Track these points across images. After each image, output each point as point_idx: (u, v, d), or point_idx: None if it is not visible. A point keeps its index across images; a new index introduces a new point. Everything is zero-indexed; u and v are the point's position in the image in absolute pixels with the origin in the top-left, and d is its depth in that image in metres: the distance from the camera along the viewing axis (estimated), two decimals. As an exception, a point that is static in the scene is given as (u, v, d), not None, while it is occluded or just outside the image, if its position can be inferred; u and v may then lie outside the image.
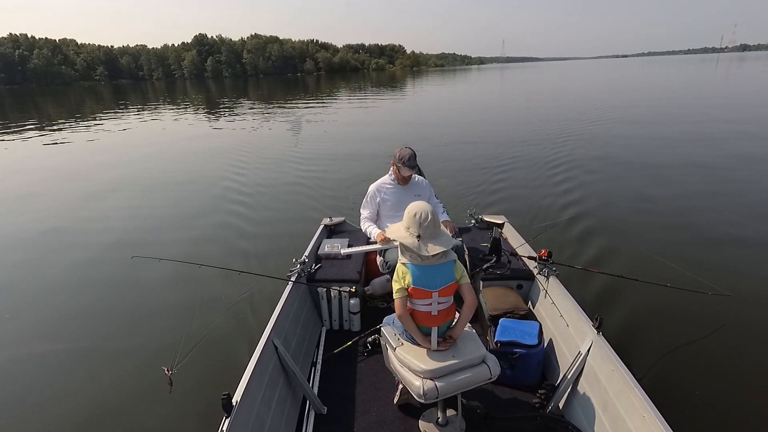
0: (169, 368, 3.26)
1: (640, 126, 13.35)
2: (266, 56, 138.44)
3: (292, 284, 3.05)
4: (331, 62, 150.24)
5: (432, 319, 2.13)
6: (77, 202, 7.89)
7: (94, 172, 10.14)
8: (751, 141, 10.47)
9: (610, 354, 2.24)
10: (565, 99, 24.25)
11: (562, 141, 11.35)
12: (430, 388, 2.00)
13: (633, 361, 2.33)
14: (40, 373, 3.40)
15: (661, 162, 8.75)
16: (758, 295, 3.97)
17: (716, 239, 5.20)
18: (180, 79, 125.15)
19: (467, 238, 3.82)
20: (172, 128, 18.17)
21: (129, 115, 24.57)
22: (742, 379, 2.99)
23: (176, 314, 4.03)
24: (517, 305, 2.92)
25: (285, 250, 4.77)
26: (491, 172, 8.48)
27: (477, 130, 14.18)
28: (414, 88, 42.70)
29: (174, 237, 6.02)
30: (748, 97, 21.04)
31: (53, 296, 4.57)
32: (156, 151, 12.73)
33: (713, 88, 28.34)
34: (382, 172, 3.58)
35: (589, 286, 3.96)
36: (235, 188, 8.16)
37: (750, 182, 7.24)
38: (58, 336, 3.86)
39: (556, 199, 6.81)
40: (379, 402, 2.58)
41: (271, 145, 12.69)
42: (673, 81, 36.49)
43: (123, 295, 4.48)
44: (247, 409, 2.04)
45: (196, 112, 25.36)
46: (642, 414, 1.90)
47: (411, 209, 2.11)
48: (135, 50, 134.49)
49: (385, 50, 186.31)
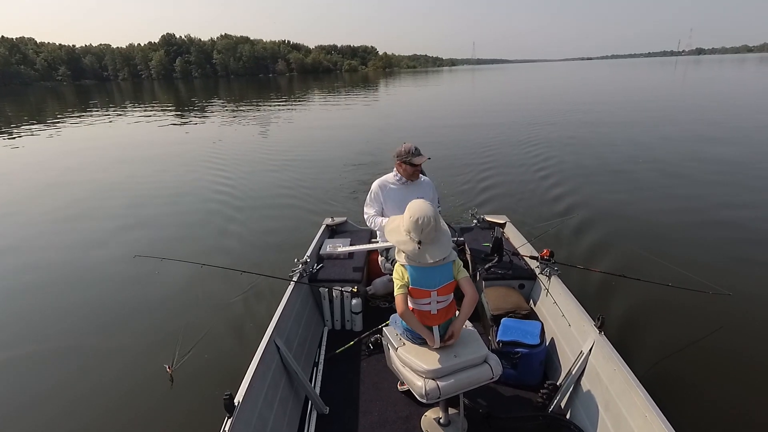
0: (170, 366, 3.28)
1: (638, 127, 13.34)
2: (237, 57, 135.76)
3: (294, 284, 3.05)
4: (304, 63, 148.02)
5: (432, 317, 2.13)
6: (77, 201, 7.90)
7: (94, 172, 10.15)
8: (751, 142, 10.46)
9: (612, 353, 2.24)
10: (553, 99, 24.36)
11: (561, 140, 11.36)
12: (432, 388, 2.00)
13: (635, 360, 2.33)
14: (41, 371, 3.40)
15: (663, 162, 8.75)
16: (758, 294, 3.98)
17: (716, 239, 5.20)
18: (147, 79, 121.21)
19: (469, 238, 3.82)
20: (160, 130, 18.08)
21: (113, 115, 24.32)
22: (743, 379, 2.99)
23: (178, 314, 4.04)
24: (519, 305, 2.92)
25: (287, 250, 4.78)
26: (489, 173, 8.50)
27: (473, 129, 14.18)
28: (387, 89, 42.74)
29: (175, 237, 6.03)
30: (746, 98, 21.00)
31: (53, 295, 4.58)
32: (150, 152, 12.70)
33: (703, 88, 28.46)
34: (380, 169, 3.56)
35: (591, 285, 3.96)
36: (236, 188, 8.18)
37: (751, 182, 7.24)
38: (59, 335, 3.87)
39: (556, 199, 6.81)
40: (381, 402, 2.59)
41: (267, 145, 12.74)
42: (655, 81, 37.24)
43: (125, 294, 4.48)
44: (249, 409, 2.05)
45: (177, 113, 24.85)
46: (644, 413, 1.90)
47: (413, 212, 2.05)
48: (98, 50, 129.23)
49: (357, 51, 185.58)
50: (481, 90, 38.50)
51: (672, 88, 29.04)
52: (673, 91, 26.75)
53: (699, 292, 3.54)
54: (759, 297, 3.92)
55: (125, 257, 5.16)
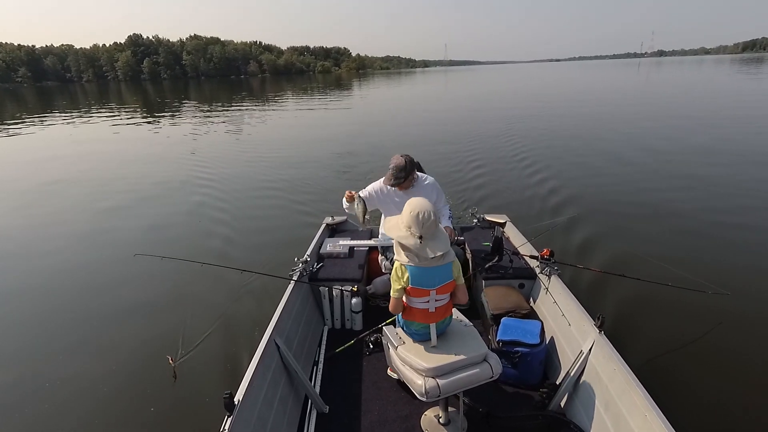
0: (173, 358, 3.29)
1: (638, 127, 13.33)
2: (207, 58, 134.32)
3: (294, 283, 3.05)
4: (276, 64, 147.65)
5: (429, 315, 2.14)
6: (76, 201, 7.90)
7: (94, 171, 10.15)
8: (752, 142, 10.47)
9: (612, 353, 2.24)
10: (541, 99, 24.34)
11: (560, 141, 11.36)
12: (431, 387, 2.00)
13: (635, 360, 2.32)
14: (42, 368, 3.40)
15: (665, 162, 8.75)
16: (757, 293, 3.98)
17: (716, 238, 5.20)
18: (114, 81, 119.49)
19: (469, 238, 3.82)
20: (151, 129, 18.12)
21: (96, 117, 24.06)
22: (742, 378, 2.99)
23: (178, 313, 4.04)
24: (519, 304, 2.93)
25: (287, 250, 4.77)
26: (481, 172, 8.50)
27: (464, 129, 14.19)
28: (361, 91, 42.45)
29: (175, 235, 6.03)
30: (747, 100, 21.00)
31: (54, 294, 4.58)
32: (144, 152, 12.72)
33: (700, 88, 28.47)
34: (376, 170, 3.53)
35: (591, 285, 3.96)
36: (236, 189, 8.18)
37: (752, 183, 7.24)
38: (60, 332, 3.87)
39: (556, 198, 6.81)
40: (380, 401, 2.59)
41: (267, 146, 12.74)
42: (636, 82, 37.55)
43: (125, 293, 4.48)
44: (249, 408, 2.05)
45: (162, 115, 24.57)
46: (644, 413, 1.90)
47: (413, 207, 2.06)
48: (60, 50, 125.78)
49: (330, 53, 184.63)
50: (460, 91, 38.24)
51: (666, 88, 29.08)
52: (666, 90, 26.83)
53: (698, 291, 3.55)
54: (758, 297, 3.93)
55: (125, 256, 5.15)
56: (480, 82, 51.78)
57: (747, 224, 5.55)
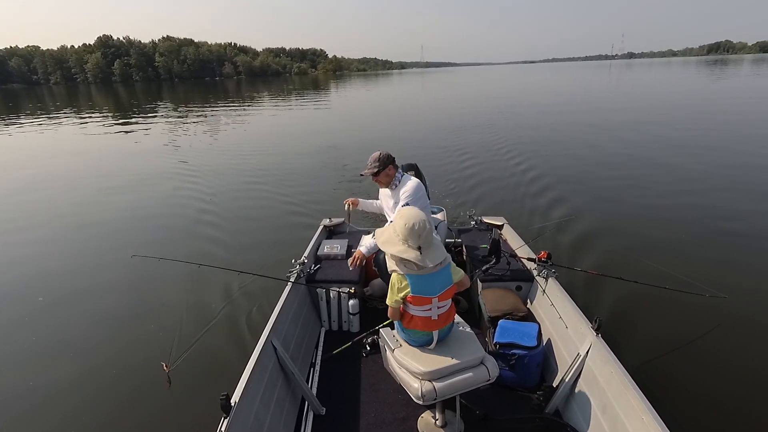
0: (167, 364, 3.27)
1: (637, 128, 13.35)
2: (181, 59, 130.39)
3: (291, 285, 3.05)
4: (252, 66, 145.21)
5: (432, 323, 2.12)
6: (77, 202, 7.88)
7: (93, 171, 10.13)
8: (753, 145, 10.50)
9: (609, 356, 2.24)
10: (534, 100, 24.36)
11: (559, 140, 11.38)
12: (428, 390, 2.00)
13: (632, 362, 2.33)
14: (37, 371, 3.38)
15: (660, 166, 8.76)
16: (755, 297, 3.98)
17: (712, 241, 5.21)
18: (83, 83, 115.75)
19: (467, 239, 3.82)
20: (150, 129, 18.08)
21: (82, 121, 24.17)
22: (739, 381, 2.99)
23: (175, 314, 4.02)
24: (517, 307, 2.93)
25: (284, 251, 4.77)
26: (472, 171, 8.50)
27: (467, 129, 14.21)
28: (340, 92, 42.34)
29: (173, 237, 6.01)
30: (747, 103, 21.08)
31: (54, 292, 4.56)
32: (139, 152, 12.71)
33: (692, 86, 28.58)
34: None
35: (588, 287, 3.96)
36: (235, 189, 8.18)
37: (752, 185, 7.26)
38: (56, 333, 3.85)
39: (554, 201, 6.81)
40: (377, 403, 2.58)
41: (264, 146, 12.74)
42: (622, 83, 38.01)
43: (122, 294, 4.47)
44: (245, 410, 2.04)
45: (138, 118, 24.30)
46: (641, 416, 1.90)
47: (407, 219, 2.01)
48: (26, 51, 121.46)
49: (306, 54, 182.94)
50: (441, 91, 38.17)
51: (663, 88, 29.17)
52: (659, 91, 26.92)
53: (696, 294, 3.55)
54: (755, 300, 3.93)
55: (122, 257, 5.14)
56: (459, 84, 51.52)
57: (745, 227, 5.56)
